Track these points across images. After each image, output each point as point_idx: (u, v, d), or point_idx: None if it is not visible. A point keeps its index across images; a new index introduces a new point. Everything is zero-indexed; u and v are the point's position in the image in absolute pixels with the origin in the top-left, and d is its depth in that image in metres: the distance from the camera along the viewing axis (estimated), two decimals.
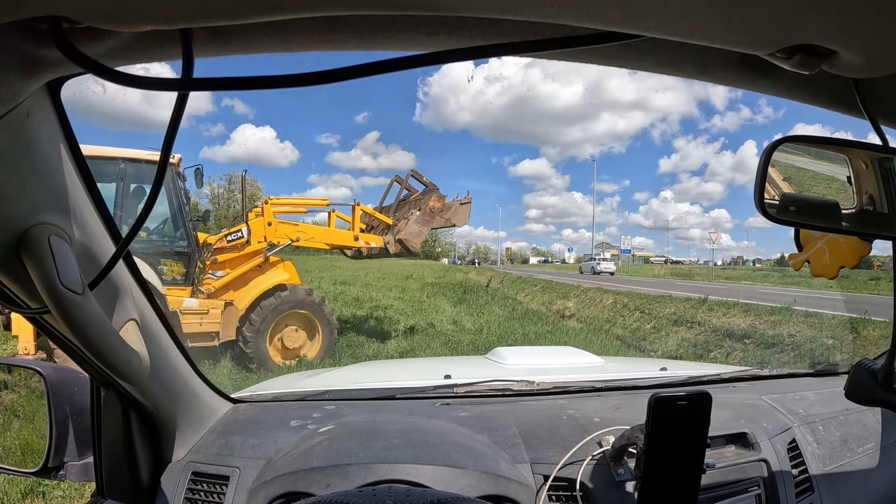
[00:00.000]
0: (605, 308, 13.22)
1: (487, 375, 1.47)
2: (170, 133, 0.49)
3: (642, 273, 34.72)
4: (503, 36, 0.47)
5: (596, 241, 63.97)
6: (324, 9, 0.37)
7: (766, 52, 0.42)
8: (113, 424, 0.93)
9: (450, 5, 0.37)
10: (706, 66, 0.55)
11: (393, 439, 0.99)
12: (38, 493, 3.23)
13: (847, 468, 1.18)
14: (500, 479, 0.93)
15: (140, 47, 0.46)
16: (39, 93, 0.53)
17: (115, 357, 0.65)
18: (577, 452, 1.01)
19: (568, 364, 1.85)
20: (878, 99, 0.57)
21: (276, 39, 0.47)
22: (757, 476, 1.06)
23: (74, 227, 0.61)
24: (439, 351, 8.14)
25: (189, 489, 1.01)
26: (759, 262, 68.10)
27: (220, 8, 0.36)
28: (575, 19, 0.38)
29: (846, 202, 0.72)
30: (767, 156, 0.66)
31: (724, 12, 0.37)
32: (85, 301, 0.57)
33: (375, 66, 0.43)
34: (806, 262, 0.96)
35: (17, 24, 0.37)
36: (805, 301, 10.03)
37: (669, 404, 0.80)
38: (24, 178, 0.53)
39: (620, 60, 0.54)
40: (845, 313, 8.82)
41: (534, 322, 11.70)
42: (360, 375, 2.08)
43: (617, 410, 1.20)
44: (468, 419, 1.15)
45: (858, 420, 1.28)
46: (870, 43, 0.40)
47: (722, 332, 9.04)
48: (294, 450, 1.01)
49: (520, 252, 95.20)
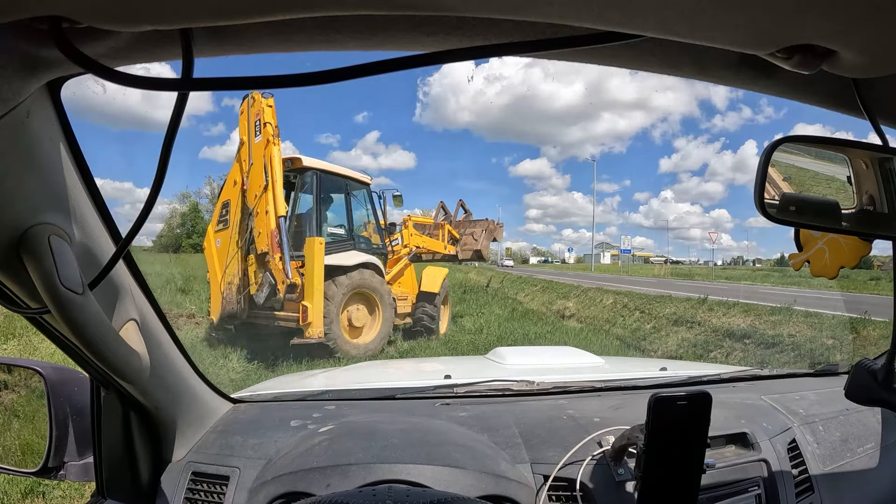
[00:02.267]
0: (605, 308, 13.22)
1: (487, 375, 1.47)
2: (170, 133, 0.49)
3: (642, 273, 34.71)
4: (503, 36, 0.47)
5: (596, 241, 64.26)
6: (323, 9, 0.37)
7: (766, 52, 0.42)
8: (113, 424, 0.93)
9: (450, 5, 0.37)
10: (706, 66, 0.55)
11: (393, 439, 0.99)
12: (38, 493, 3.23)
13: (847, 468, 1.18)
14: (500, 479, 0.93)
15: (140, 47, 0.46)
16: (39, 93, 0.53)
17: (115, 357, 0.65)
18: (577, 452, 1.01)
19: (568, 364, 1.85)
20: (878, 99, 0.57)
21: (276, 39, 0.47)
22: (757, 476, 1.06)
23: (74, 227, 0.61)
24: (439, 351, 8.13)
25: (189, 489, 1.01)
26: (760, 262, 68.10)
27: (220, 8, 0.36)
28: (575, 19, 0.38)
29: (846, 202, 0.72)
30: (767, 156, 0.66)
31: (724, 12, 0.36)
32: (85, 301, 0.56)
33: (375, 66, 0.43)
34: (806, 262, 0.96)
35: (17, 24, 0.37)
36: (805, 301, 10.02)
37: (669, 404, 0.80)
38: (24, 178, 0.53)
39: (620, 60, 0.54)
40: (845, 313, 8.81)
41: (534, 322, 11.70)
42: (360, 375, 2.08)
43: (617, 410, 1.20)
44: (468, 419, 1.15)
45: (858, 420, 1.28)
46: (870, 43, 0.40)
47: (722, 332, 9.04)
48: (294, 450, 1.01)
49: (520, 252, 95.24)
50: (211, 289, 6.79)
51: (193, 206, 49.04)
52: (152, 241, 41.86)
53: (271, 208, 6.37)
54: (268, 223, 6.37)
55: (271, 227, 6.34)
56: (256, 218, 6.48)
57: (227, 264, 6.70)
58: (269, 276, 6.40)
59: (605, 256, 73.91)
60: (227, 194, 6.91)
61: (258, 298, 6.50)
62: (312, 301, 6.33)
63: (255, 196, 6.45)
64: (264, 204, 6.40)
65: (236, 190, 6.82)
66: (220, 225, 6.86)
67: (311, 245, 6.47)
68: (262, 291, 6.42)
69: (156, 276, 13.09)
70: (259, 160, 6.51)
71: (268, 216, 6.39)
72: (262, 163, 6.47)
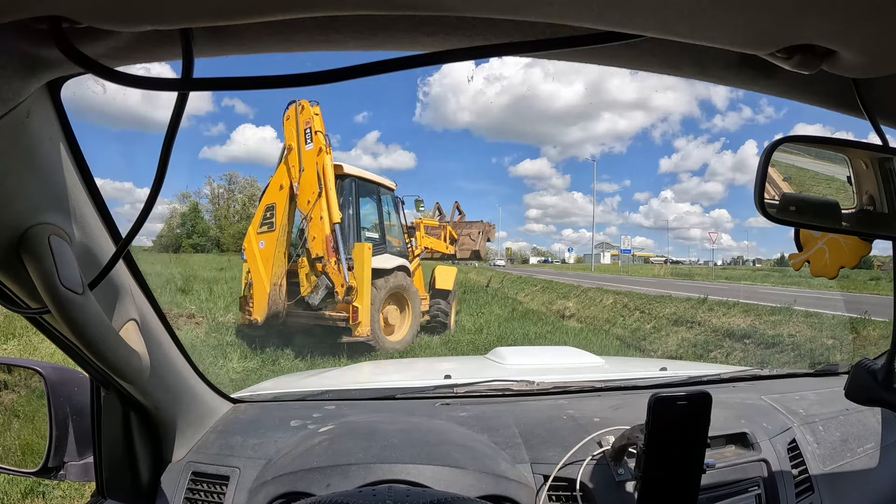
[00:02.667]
0: (605, 308, 13.22)
1: (487, 375, 1.47)
2: (170, 133, 0.49)
3: (642, 273, 34.72)
4: (503, 36, 0.47)
5: (596, 241, 64.28)
6: (323, 9, 0.37)
7: (766, 52, 0.42)
8: (113, 424, 0.93)
9: (450, 5, 0.37)
10: (706, 66, 0.55)
11: (393, 439, 0.99)
12: (38, 493, 3.23)
13: (847, 468, 1.18)
14: (500, 479, 0.93)
15: (140, 47, 0.46)
16: (39, 93, 0.53)
17: (115, 357, 0.65)
18: (577, 452, 1.01)
19: (568, 364, 1.85)
20: (878, 99, 0.57)
21: (276, 39, 0.47)
22: (757, 476, 1.06)
23: (74, 227, 0.61)
24: (439, 351, 8.13)
25: (189, 489, 1.01)
26: (760, 262, 68.04)
27: (220, 8, 0.36)
28: (575, 19, 0.38)
29: (846, 202, 0.72)
30: (767, 156, 0.66)
31: (724, 12, 0.36)
32: (85, 301, 0.56)
33: (375, 66, 0.43)
34: (806, 262, 0.96)
35: (17, 24, 0.37)
36: (805, 301, 10.02)
37: (669, 404, 0.80)
38: (24, 178, 0.53)
39: (620, 60, 0.54)
40: (845, 313, 8.81)
41: (534, 322, 11.69)
42: (360, 375, 2.08)
43: (617, 410, 1.20)
44: (468, 419, 1.15)
45: (858, 420, 1.28)
46: (870, 43, 0.40)
47: (722, 332, 9.04)
48: (294, 450, 1.01)
49: (520, 252, 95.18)
50: (255, 288, 6.91)
51: (193, 206, 49.19)
52: (152, 241, 41.95)
53: (325, 214, 6.68)
54: (322, 228, 6.67)
55: (326, 232, 6.66)
56: (311, 223, 6.74)
57: (273, 265, 6.88)
58: (325, 279, 6.68)
59: (605, 256, 73.92)
60: (273, 198, 7.09)
61: (313, 300, 6.74)
62: (362, 303, 6.75)
63: (307, 202, 6.74)
64: (318, 210, 6.69)
65: (283, 194, 7.02)
66: (263, 227, 7.02)
67: (360, 250, 6.90)
68: (318, 293, 6.70)
69: (156, 276, 13.10)
70: (311, 167, 6.79)
71: (322, 222, 6.68)
72: (314, 170, 6.76)
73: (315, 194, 6.70)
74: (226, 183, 52.63)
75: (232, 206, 51.16)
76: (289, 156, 6.98)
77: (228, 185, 52.51)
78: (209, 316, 9.62)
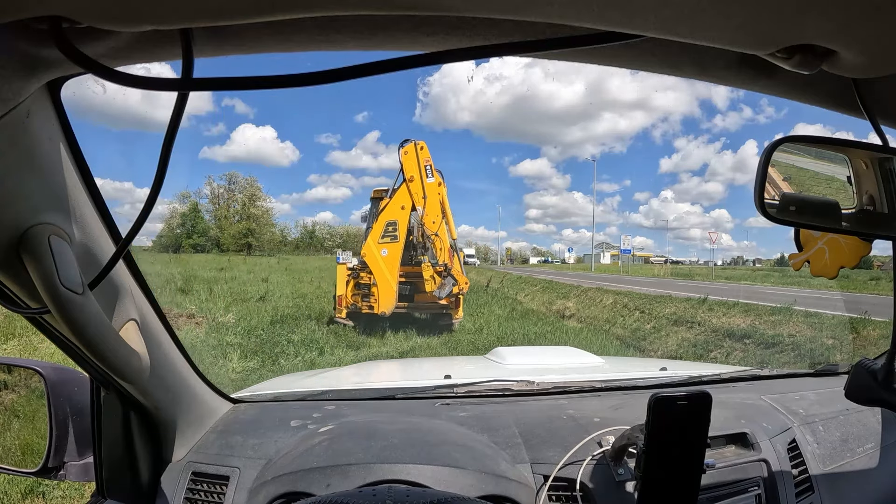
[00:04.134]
0: (605, 308, 13.22)
1: (487, 375, 1.47)
2: (170, 133, 0.49)
3: (642, 273, 34.68)
4: (503, 36, 0.47)
5: (596, 241, 64.19)
6: (323, 9, 0.37)
7: (766, 52, 0.42)
8: (113, 424, 0.93)
9: (450, 5, 0.37)
10: (706, 66, 0.55)
11: (393, 439, 0.99)
12: (38, 493, 3.23)
13: (847, 468, 1.18)
14: (500, 479, 0.93)
15: (140, 47, 0.46)
16: (39, 93, 0.53)
17: (115, 357, 0.65)
18: (577, 452, 1.01)
19: (568, 364, 1.85)
20: (878, 99, 0.57)
21: (276, 39, 0.47)
22: (757, 476, 1.06)
23: (74, 227, 0.61)
24: (439, 351, 8.14)
25: (189, 489, 1.01)
26: (760, 262, 67.92)
27: (220, 8, 0.36)
28: (575, 19, 0.38)
29: (846, 202, 0.72)
30: (767, 156, 0.66)
31: (724, 12, 0.36)
32: (85, 301, 0.56)
33: (375, 66, 0.43)
34: (806, 262, 0.96)
35: (17, 24, 0.37)
36: (805, 301, 10.02)
37: (669, 404, 0.80)
38: (24, 178, 0.53)
39: (620, 60, 0.54)
40: (845, 313, 8.81)
41: (534, 322, 11.70)
42: (359, 375, 2.09)
43: (617, 410, 1.20)
44: (468, 419, 1.15)
45: (858, 420, 1.28)
46: (870, 43, 0.40)
47: (722, 332, 9.04)
48: (294, 450, 1.01)
49: (520, 252, 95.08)
50: (380, 287, 8.74)
51: (193, 206, 49.14)
52: (152, 242, 41.95)
53: (443, 233, 8.99)
54: (446, 243, 9.03)
55: (447, 245, 9.08)
56: (437, 239, 8.95)
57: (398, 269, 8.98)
58: (451, 279, 8.93)
59: (605, 256, 73.78)
60: (395, 215, 9.01)
61: (440, 294, 8.96)
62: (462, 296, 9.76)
63: (432, 222, 8.92)
64: (444, 230, 9.00)
65: (404, 213, 9.03)
66: (386, 238, 8.90)
67: (457, 258, 9.46)
68: (444, 289, 8.93)
69: (156, 276, 13.10)
70: (433, 197, 8.90)
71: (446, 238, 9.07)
72: (436, 199, 8.94)
73: (440, 216, 8.92)
74: (226, 183, 52.64)
75: (232, 207, 51.14)
76: (411, 184, 8.89)
77: (228, 185, 52.52)
78: (209, 316, 9.64)
